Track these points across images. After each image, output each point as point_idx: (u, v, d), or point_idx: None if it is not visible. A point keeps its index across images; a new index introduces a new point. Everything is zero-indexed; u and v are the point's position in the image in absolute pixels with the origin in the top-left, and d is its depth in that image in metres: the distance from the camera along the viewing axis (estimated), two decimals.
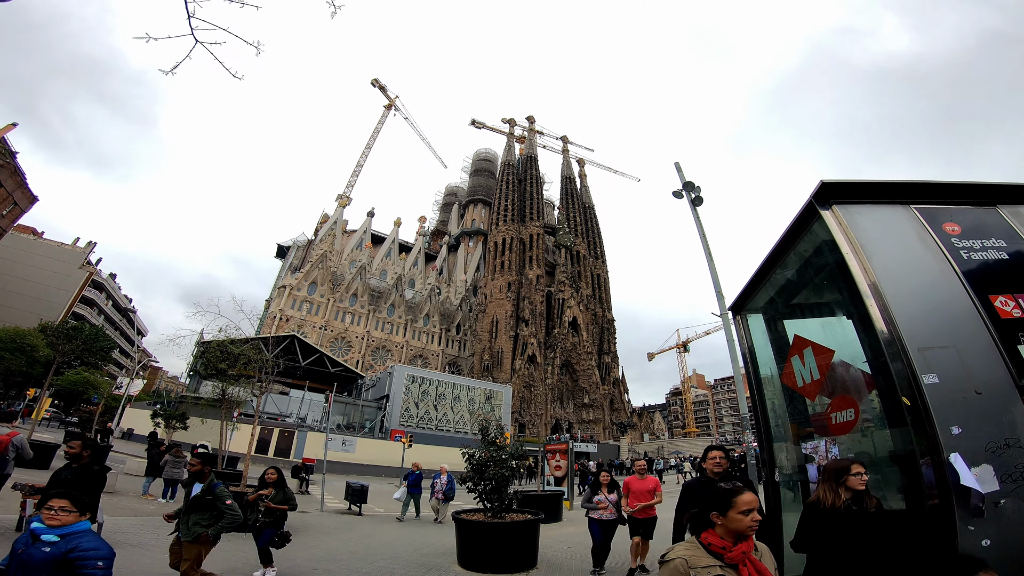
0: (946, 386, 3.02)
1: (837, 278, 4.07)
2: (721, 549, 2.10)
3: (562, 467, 17.16)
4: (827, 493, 3.17)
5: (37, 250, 63.02)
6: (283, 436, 33.43)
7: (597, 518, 6.88)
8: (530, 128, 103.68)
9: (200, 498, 4.87)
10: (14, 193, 43.54)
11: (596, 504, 6.90)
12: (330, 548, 8.48)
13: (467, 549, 7.47)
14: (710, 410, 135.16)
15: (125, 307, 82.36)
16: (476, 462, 8.23)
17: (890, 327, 3.24)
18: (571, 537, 10.56)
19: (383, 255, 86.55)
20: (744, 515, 2.15)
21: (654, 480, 7.22)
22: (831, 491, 3.14)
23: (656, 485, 7.11)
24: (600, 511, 6.86)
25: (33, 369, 39.64)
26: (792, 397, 4.91)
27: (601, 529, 6.87)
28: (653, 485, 7.08)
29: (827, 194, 3.78)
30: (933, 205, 3.77)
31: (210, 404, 19.03)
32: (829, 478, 3.25)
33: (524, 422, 65.48)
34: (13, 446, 7.06)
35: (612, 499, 6.91)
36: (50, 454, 14.40)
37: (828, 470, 3.33)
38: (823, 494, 3.19)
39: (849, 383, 4.00)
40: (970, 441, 2.83)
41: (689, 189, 10.91)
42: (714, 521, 2.21)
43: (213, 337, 14.49)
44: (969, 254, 3.51)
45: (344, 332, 73.60)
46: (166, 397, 42.50)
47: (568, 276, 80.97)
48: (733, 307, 5.89)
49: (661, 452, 69.22)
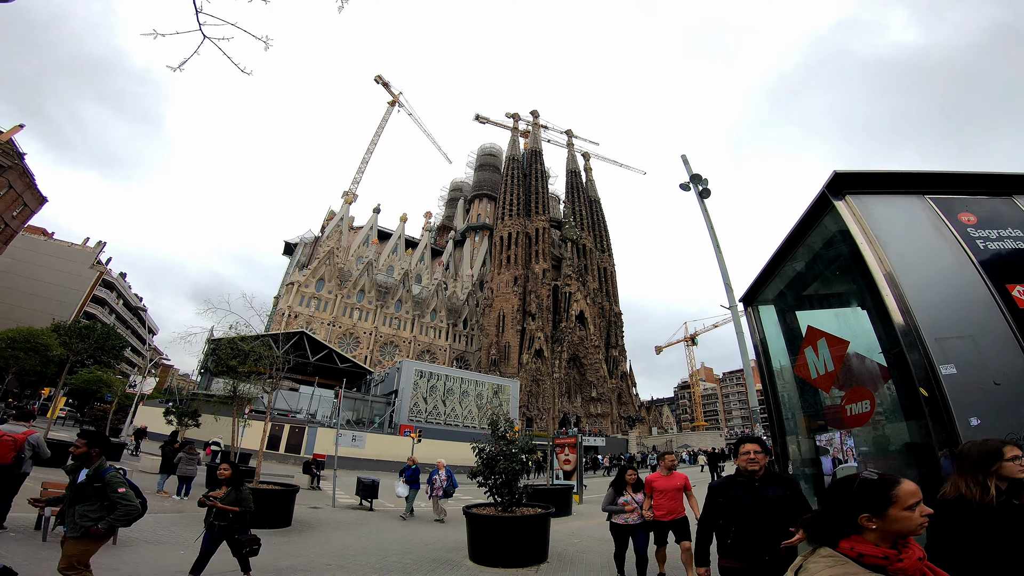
0: (964, 377, 2.98)
1: (851, 268, 4.03)
2: (883, 559, 1.63)
3: (571, 461, 17.19)
4: (971, 487, 2.42)
5: (48, 251, 63.71)
6: (294, 432, 33.70)
7: (622, 523, 6.09)
8: (534, 122, 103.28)
9: (86, 485, 4.16)
10: (23, 194, 43.97)
11: (621, 506, 6.09)
12: (343, 543, 8.55)
13: (478, 543, 7.50)
14: (719, 403, 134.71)
15: (136, 306, 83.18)
16: (486, 456, 8.22)
17: (907, 317, 3.19)
18: (581, 531, 10.58)
19: (389, 251, 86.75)
20: (911, 511, 1.69)
21: (683, 477, 6.11)
22: (976, 483, 2.40)
23: (685, 482, 6.05)
24: (626, 515, 6.08)
25: (47, 368, 40.20)
26: (805, 389, 4.87)
27: (626, 534, 6.14)
28: (682, 483, 6.01)
29: (840, 184, 3.74)
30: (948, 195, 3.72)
31: (221, 401, 19.20)
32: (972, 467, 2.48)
33: (532, 416, 65.59)
34: (30, 445, 7.13)
35: (641, 499, 6.09)
36: (67, 453, 14.60)
37: (970, 456, 2.51)
38: (966, 488, 2.43)
39: (864, 374, 3.96)
40: (989, 433, 2.78)
41: (696, 182, 10.83)
42: (863, 525, 1.70)
43: (223, 334, 14.59)
44: (986, 244, 3.46)
45: (352, 328, 73.96)
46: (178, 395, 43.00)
47: (574, 270, 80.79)
48: (744, 298, 5.84)
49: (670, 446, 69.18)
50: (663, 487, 5.93)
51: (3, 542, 6.21)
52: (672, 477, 6.02)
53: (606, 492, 6.32)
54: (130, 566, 5.82)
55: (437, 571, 6.74)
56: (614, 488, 6.30)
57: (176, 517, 9.66)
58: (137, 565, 5.91)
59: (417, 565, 7.05)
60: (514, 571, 6.78)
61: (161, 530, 8.20)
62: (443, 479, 12.27)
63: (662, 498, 5.89)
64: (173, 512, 10.36)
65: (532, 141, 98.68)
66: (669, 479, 6.00)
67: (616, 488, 6.30)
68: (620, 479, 6.34)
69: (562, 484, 16.09)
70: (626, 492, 6.22)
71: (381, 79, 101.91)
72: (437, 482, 12.23)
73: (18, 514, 7.32)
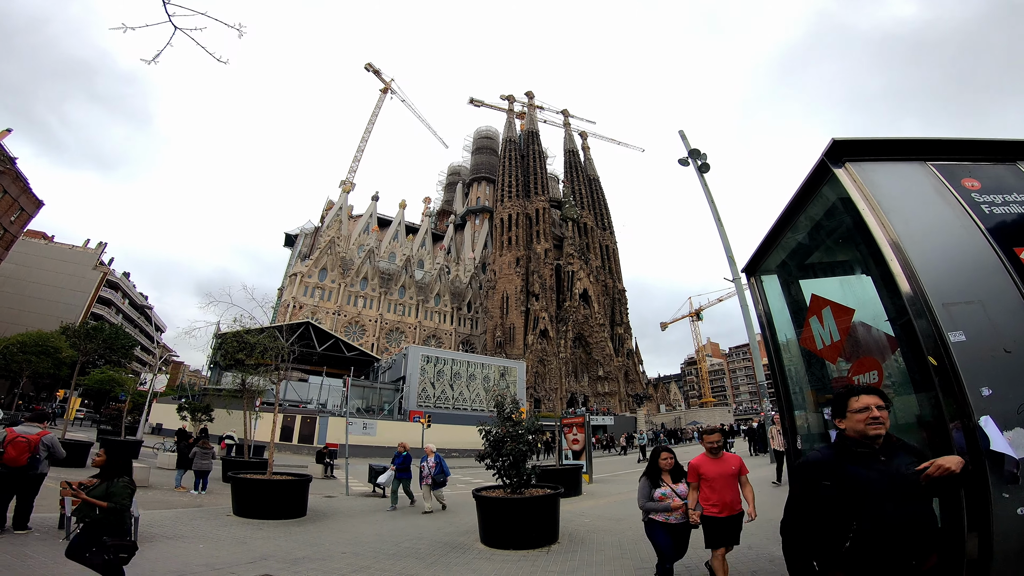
0: (974, 344, 2.92)
1: (854, 236, 3.96)
2: None
3: (579, 440, 17.33)
4: None
5: (49, 254, 64.00)
6: (305, 422, 34.13)
7: (663, 521, 4.75)
8: (530, 104, 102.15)
9: None
10: (19, 199, 43.97)
11: (659, 500, 4.79)
12: (357, 531, 8.68)
13: (488, 526, 7.58)
14: (726, 379, 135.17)
15: (142, 304, 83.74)
16: (493, 438, 8.24)
17: (913, 283, 3.13)
18: (591, 511, 10.70)
19: (390, 238, 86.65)
20: None
21: (736, 460, 4.81)
22: None
23: (740, 466, 4.77)
24: (670, 513, 4.74)
25: (60, 371, 40.71)
26: (811, 362, 4.83)
27: (670, 538, 4.75)
28: (736, 467, 4.72)
29: (839, 152, 3.66)
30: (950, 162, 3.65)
31: (232, 395, 19.42)
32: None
33: (539, 397, 66.13)
34: (44, 445, 7.19)
35: (682, 492, 4.80)
36: (84, 453, 14.83)
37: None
38: None
39: (871, 344, 3.90)
40: (1001, 403, 2.73)
41: (695, 156, 10.72)
42: None
43: (228, 328, 14.66)
44: (991, 208, 3.40)
45: (357, 316, 74.33)
46: (190, 391, 43.51)
47: (576, 248, 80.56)
48: (747, 269, 5.76)
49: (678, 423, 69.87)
50: (713, 474, 4.63)
51: (28, 542, 6.31)
52: (723, 460, 4.73)
53: (638, 485, 5.00)
54: (150, 561, 5.92)
55: (449, 555, 6.83)
56: (648, 478, 4.96)
57: (195, 512, 9.81)
58: (156, 560, 6.01)
59: (430, 550, 7.14)
60: (525, 552, 6.85)
61: (181, 525, 8.33)
62: (431, 466, 11.12)
63: (713, 488, 4.61)
64: (192, 507, 10.52)
65: (528, 122, 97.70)
66: (719, 463, 4.70)
67: (650, 478, 4.96)
68: (653, 466, 5.02)
69: (571, 464, 16.24)
70: (663, 482, 4.91)
71: (372, 67, 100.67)
72: (424, 470, 11.18)
73: (41, 515, 7.45)
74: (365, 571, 5.98)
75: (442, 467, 11.24)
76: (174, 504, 10.73)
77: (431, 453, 11.30)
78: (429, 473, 11.03)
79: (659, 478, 4.96)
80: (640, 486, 4.99)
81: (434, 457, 11.22)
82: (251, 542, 7.40)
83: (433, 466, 11.10)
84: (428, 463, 11.15)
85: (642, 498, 4.92)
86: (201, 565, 5.91)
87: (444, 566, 6.28)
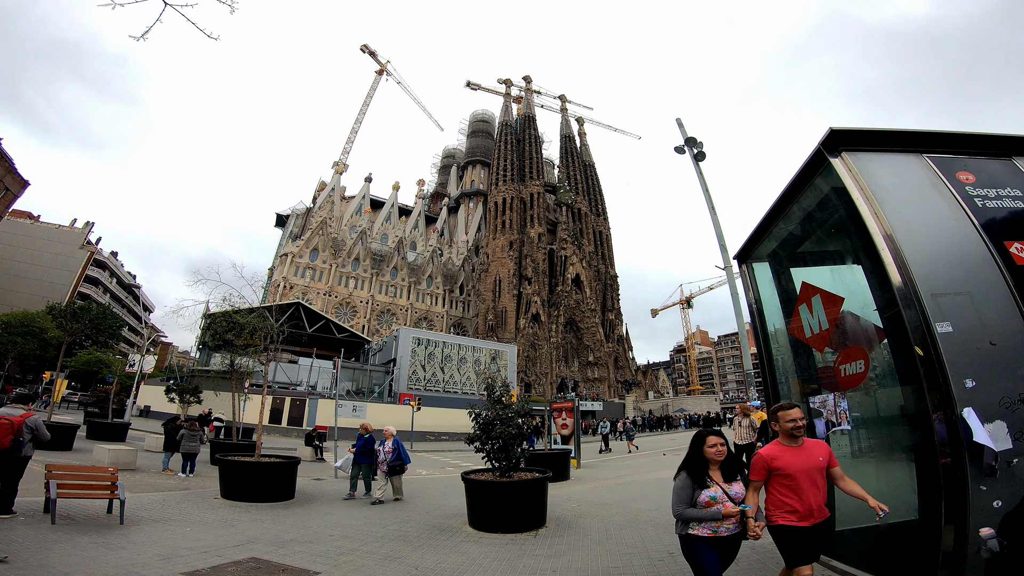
0: (960, 336, 2.94)
1: (846, 224, 3.98)
2: None
3: (568, 425, 17.49)
4: None
5: (36, 233, 62.90)
6: (295, 405, 34.13)
7: (709, 535, 3.30)
8: (527, 88, 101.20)
9: None
10: (3, 178, 43.10)
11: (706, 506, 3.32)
12: (345, 514, 8.71)
13: (476, 509, 7.62)
14: (714, 367, 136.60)
15: (129, 283, 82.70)
16: (483, 421, 8.22)
17: (903, 272, 3.15)
18: (579, 495, 10.81)
19: (383, 219, 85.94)
20: None
21: (823, 448, 3.41)
22: None
23: (830, 456, 3.36)
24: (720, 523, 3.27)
25: (46, 352, 40.19)
26: (799, 351, 4.86)
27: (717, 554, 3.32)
28: (825, 457, 3.33)
29: (836, 141, 3.66)
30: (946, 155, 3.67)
31: (221, 376, 19.29)
32: None
33: (530, 382, 66.54)
34: (28, 427, 7.09)
35: (737, 493, 3.36)
36: (71, 435, 14.71)
37: None
38: None
39: (859, 334, 3.94)
40: (984, 395, 2.76)
41: (691, 145, 10.69)
42: None
43: (218, 307, 14.49)
44: (984, 202, 3.43)
45: (348, 297, 74.03)
46: (178, 372, 43.26)
47: (570, 233, 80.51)
48: (739, 255, 5.78)
49: (666, 410, 70.70)
50: (794, 467, 3.24)
51: (13, 526, 6.25)
52: (805, 449, 3.31)
53: (674, 482, 3.48)
54: (137, 545, 5.90)
55: (437, 538, 6.87)
56: (688, 474, 3.43)
57: (182, 495, 9.79)
58: (143, 544, 5.99)
59: (417, 533, 7.19)
60: (513, 536, 6.91)
61: (168, 509, 8.31)
62: (387, 451, 10.13)
63: (792, 488, 3.22)
64: (179, 490, 10.51)
65: (525, 107, 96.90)
66: (801, 452, 3.29)
67: (692, 474, 3.42)
68: (696, 457, 3.46)
69: (560, 448, 16.40)
70: (711, 480, 3.39)
71: (367, 48, 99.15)
72: (380, 454, 10.23)
73: (27, 498, 7.38)
74: (353, 554, 6.00)
75: (400, 452, 10.23)
76: (161, 487, 10.70)
77: (390, 436, 10.36)
78: (385, 459, 10.11)
79: (705, 474, 3.40)
80: (677, 485, 3.45)
81: (392, 441, 10.26)
82: (238, 525, 7.40)
83: (390, 451, 10.12)
84: (385, 447, 10.24)
85: (680, 503, 3.36)
86: (187, 548, 5.89)
87: (432, 548, 6.32)
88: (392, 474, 10.14)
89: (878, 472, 3.88)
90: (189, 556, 5.60)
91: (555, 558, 5.86)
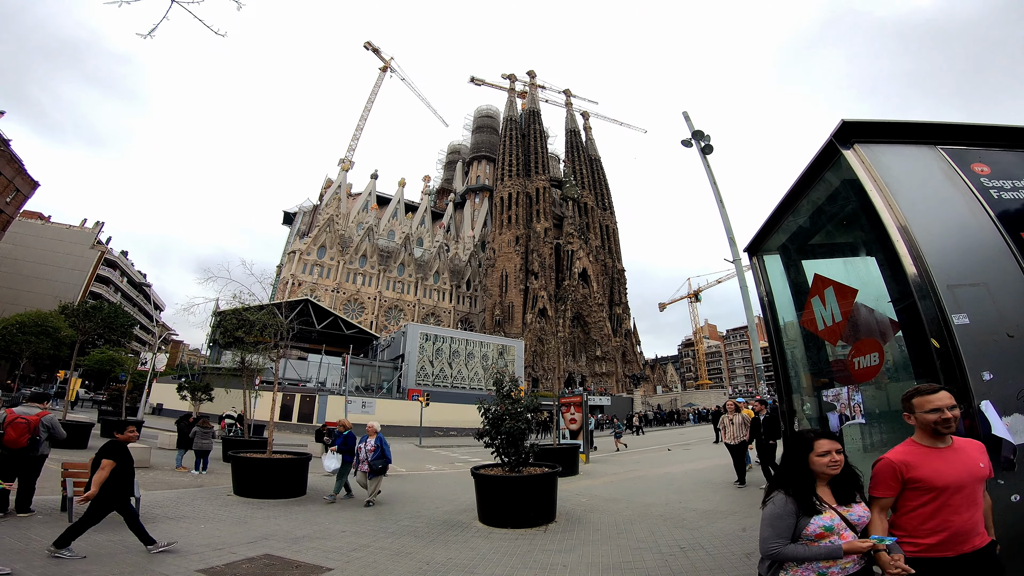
0: (977, 328, 2.90)
1: (860, 216, 3.93)
2: None
3: (577, 420, 17.49)
4: None
5: (46, 234, 63.73)
6: (305, 401, 34.39)
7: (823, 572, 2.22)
8: (531, 83, 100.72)
9: None
10: (14, 180, 43.55)
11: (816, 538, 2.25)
12: (356, 509, 8.77)
13: (486, 504, 7.64)
14: (722, 361, 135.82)
15: (140, 282, 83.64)
16: (492, 416, 8.23)
17: (918, 264, 3.11)
18: (588, 490, 10.81)
19: (389, 215, 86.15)
20: None
21: (978, 448, 2.44)
22: None
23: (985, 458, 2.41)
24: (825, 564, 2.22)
25: (60, 351, 40.76)
26: (810, 344, 4.81)
27: None
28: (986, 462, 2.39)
29: (849, 133, 3.61)
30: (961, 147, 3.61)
31: (231, 373, 19.47)
32: None
33: (537, 376, 66.64)
34: (43, 426, 7.20)
35: (860, 519, 2.31)
36: (86, 433, 14.91)
37: None
38: None
39: (873, 326, 3.88)
40: (1002, 388, 2.71)
41: (698, 138, 10.61)
42: None
43: (228, 304, 14.60)
44: (1000, 193, 3.38)
45: (356, 293, 74.37)
46: (190, 370, 43.71)
47: (576, 228, 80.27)
48: (749, 248, 5.72)
49: (674, 404, 70.53)
50: (944, 477, 2.31)
51: (32, 525, 6.37)
52: (957, 451, 2.40)
53: (767, 504, 2.38)
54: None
55: (447, 534, 6.91)
56: (789, 495, 2.33)
57: (196, 492, 9.91)
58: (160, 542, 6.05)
59: (427, 528, 7.23)
60: (523, 531, 6.93)
61: (183, 506, 8.41)
62: (368, 449, 9.22)
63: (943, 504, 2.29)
64: (193, 487, 10.62)
65: (530, 101, 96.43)
66: (952, 456, 2.38)
67: (796, 494, 2.33)
68: (800, 470, 2.40)
69: (568, 443, 16.40)
70: (823, 504, 2.32)
71: (371, 45, 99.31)
72: (362, 453, 9.32)
73: (43, 497, 7.50)
74: (364, 550, 6.05)
75: (383, 451, 9.24)
76: (175, 484, 10.82)
77: (373, 433, 9.50)
78: (366, 457, 9.18)
79: (813, 495, 2.32)
80: (770, 512, 2.32)
81: (376, 438, 9.36)
82: (251, 522, 7.47)
83: (372, 449, 9.20)
84: (367, 445, 9.33)
85: (776, 537, 2.26)
86: (202, 545, 5.97)
87: (442, 544, 6.35)
88: (374, 474, 9.20)
89: None
90: (204, 553, 5.67)
91: (565, 553, 5.87)
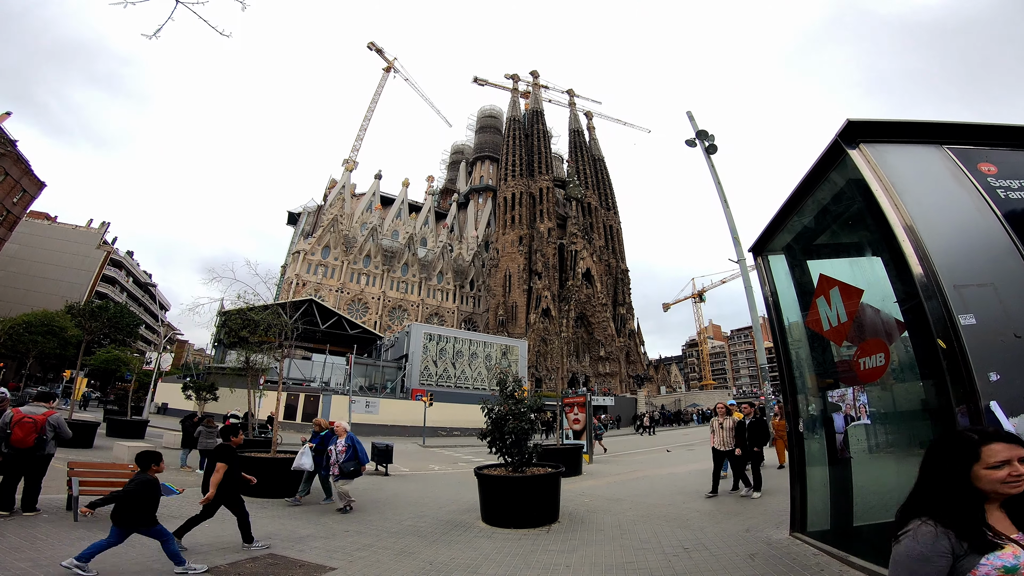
0: (984, 328, 2.88)
1: (865, 216, 3.91)
2: None
3: (580, 420, 17.46)
4: None
5: (53, 234, 64.11)
6: (309, 401, 34.46)
7: None
8: (534, 83, 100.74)
9: None
10: (21, 180, 43.91)
11: None
12: (358, 511, 8.77)
13: (489, 504, 7.64)
14: (727, 362, 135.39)
15: (145, 282, 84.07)
16: (495, 416, 8.20)
17: (924, 264, 3.09)
18: (592, 490, 10.79)
19: (393, 215, 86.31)
20: None
21: None
22: None
23: None
24: None
25: (66, 351, 41.00)
26: (815, 344, 4.79)
27: None
28: None
29: (854, 133, 3.59)
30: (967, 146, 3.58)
31: (236, 373, 19.53)
32: None
33: (541, 377, 66.55)
34: (50, 425, 7.23)
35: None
36: (91, 433, 15.02)
37: None
38: None
39: (879, 326, 3.87)
40: (1009, 389, 2.69)
41: (702, 138, 10.59)
42: None
43: (232, 304, 14.67)
44: (1007, 193, 3.35)
45: (360, 293, 74.54)
46: (195, 369, 43.91)
47: (580, 228, 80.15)
48: (754, 248, 5.71)
49: (678, 405, 70.23)
50: None
51: (38, 524, 6.39)
52: None
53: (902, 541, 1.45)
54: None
55: (450, 534, 6.91)
56: (947, 524, 1.40)
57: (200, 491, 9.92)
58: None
59: (431, 528, 7.23)
60: (526, 531, 6.92)
61: (188, 505, 8.43)
62: (339, 451, 8.47)
63: None
64: (197, 486, 10.62)
65: (533, 101, 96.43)
66: None
67: (956, 523, 1.40)
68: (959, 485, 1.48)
69: (572, 444, 16.38)
70: (996, 532, 1.39)
71: (374, 46, 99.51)
72: (332, 455, 8.59)
73: (49, 496, 7.52)
74: (368, 549, 6.06)
75: (356, 452, 8.49)
76: (180, 483, 10.85)
77: (343, 433, 8.76)
78: (337, 459, 8.43)
79: (982, 523, 1.43)
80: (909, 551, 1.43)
81: (346, 439, 8.60)
82: (256, 520, 7.43)
83: (343, 450, 8.45)
84: (337, 446, 8.55)
85: None
86: (206, 545, 6.00)
87: (446, 544, 6.35)
88: (343, 477, 8.41)
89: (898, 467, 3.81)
90: (208, 552, 5.70)
91: (568, 553, 5.86)
